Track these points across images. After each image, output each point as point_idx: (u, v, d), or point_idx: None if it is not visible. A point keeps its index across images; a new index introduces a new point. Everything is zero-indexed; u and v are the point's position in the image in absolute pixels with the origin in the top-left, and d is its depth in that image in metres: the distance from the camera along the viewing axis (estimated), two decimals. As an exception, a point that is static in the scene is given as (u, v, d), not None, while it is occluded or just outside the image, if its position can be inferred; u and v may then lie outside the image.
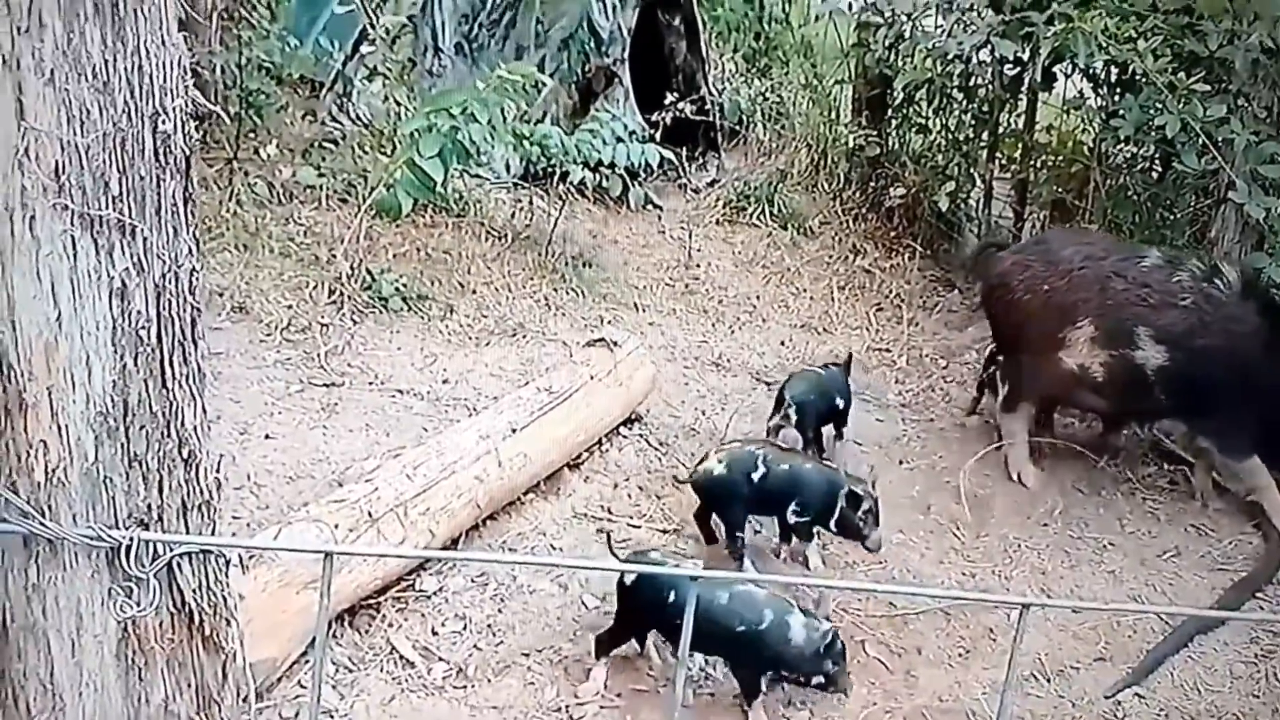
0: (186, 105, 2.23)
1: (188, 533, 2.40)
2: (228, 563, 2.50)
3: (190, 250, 2.27)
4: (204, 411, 2.39)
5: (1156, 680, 4.40)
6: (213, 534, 2.48)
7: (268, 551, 3.72)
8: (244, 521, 4.40)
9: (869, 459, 5.49)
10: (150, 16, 2.15)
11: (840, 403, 5.49)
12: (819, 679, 3.81)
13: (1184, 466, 5.64)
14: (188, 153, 2.25)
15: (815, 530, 4.64)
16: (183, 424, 2.34)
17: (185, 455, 2.35)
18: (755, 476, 4.51)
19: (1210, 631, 4.65)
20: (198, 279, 2.28)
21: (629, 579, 3.90)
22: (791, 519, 4.60)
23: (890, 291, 7.22)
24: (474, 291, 6.33)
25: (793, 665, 3.78)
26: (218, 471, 2.48)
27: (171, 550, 2.34)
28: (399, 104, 6.35)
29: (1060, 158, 7.43)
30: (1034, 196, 7.44)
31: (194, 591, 2.42)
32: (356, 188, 6.38)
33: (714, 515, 4.67)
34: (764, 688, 3.84)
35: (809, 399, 5.30)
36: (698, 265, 7.29)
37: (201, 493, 2.41)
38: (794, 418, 5.23)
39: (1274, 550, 5.20)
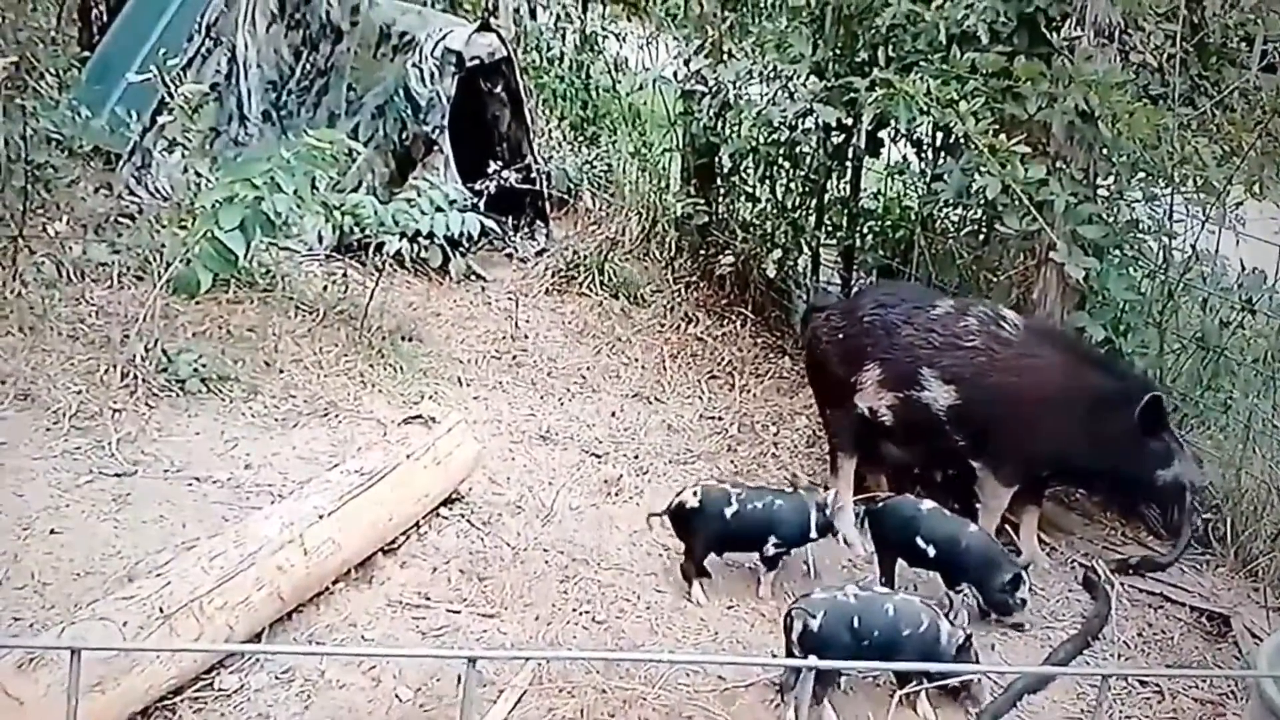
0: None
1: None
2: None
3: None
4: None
5: (987, 741, 4.60)
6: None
7: (49, 654, 3.66)
8: (27, 622, 4.32)
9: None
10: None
11: None
12: None
13: (1009, 528, 5.93)
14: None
15: None
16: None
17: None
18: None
19: (1039, 690, 4.89)
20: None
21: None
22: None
23: (722, 359, 7.44)
24: (281, 370, 6.30)
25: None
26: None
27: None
28: (200, 175, 6.33)
29: (886, 223, 7.80)
30: (860, 262, 7.79)
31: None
32: (152, 264, 6.31)
33: None
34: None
35: None
36: (525, 336, 7.40)
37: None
38: None
39: (1101, 606, 5.51)
